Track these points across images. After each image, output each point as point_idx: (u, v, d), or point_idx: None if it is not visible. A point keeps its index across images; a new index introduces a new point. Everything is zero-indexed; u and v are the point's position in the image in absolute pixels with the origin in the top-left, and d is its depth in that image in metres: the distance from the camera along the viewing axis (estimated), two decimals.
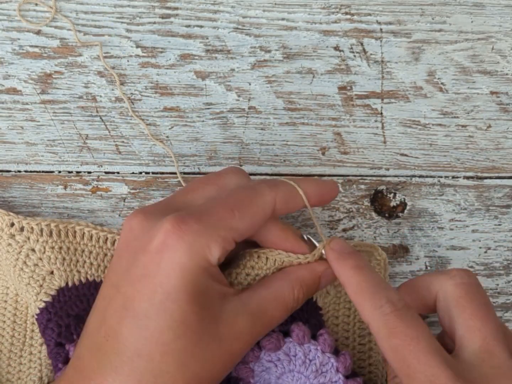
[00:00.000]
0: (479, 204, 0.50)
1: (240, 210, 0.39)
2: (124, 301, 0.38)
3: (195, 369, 0.37)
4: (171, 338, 0.37)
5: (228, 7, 0.48)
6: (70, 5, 0.48)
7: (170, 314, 0.37)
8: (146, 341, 0.37)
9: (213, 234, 0.38)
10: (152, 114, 0.49)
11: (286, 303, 0.40)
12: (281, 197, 0.40)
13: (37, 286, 0.43)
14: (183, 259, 0.37)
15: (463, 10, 0.49)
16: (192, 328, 0.37)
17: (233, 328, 0.38)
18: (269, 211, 0.40)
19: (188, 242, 0.37)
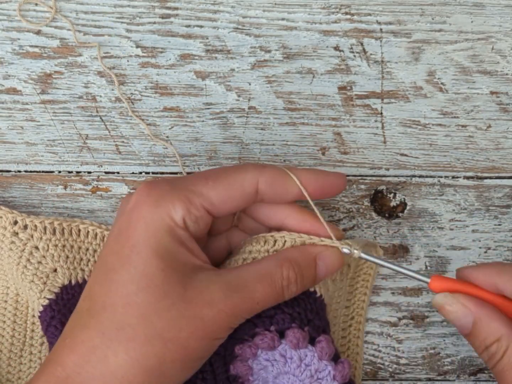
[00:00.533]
0: (479, 204, 0.50)
1: (215, 180, 0.39)
2: (101, 261, 0.39)
3: (158, 327, 0.37)
4: (134, 290, 0.37)
5: (228, 7, 0.49)
6: (70, 5, 0.48)
7: (133, 266, 0.37)
8: (110, 293, 0.37)
9: (179, 194, 0.38)
10: (152, 114, 0.49)
11: (272, 279, 0.39)
12: (265, 178, 0.40)
13: (41, 284, 0.44)
14: (148, 214, 0.38)
15: (463, 10, 0.49)
16: (155, 283, 0.37)
17: (203, 293, 0.37)
18: (249, 187, 0.40)
19: (154, 199, 0.38)
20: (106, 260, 0.39)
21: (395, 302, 0.50)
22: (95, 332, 0.37)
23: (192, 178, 0.40)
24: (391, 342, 0.50)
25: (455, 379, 0.50)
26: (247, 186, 0.40)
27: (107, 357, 0.37)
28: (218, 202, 0.39)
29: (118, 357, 0.37)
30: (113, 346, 0.37)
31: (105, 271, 0.38)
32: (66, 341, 0.38)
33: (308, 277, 0.41)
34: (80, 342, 0.37)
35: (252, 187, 0.40)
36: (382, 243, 0.49)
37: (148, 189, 0.39)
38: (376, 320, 0.50)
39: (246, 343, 0.41)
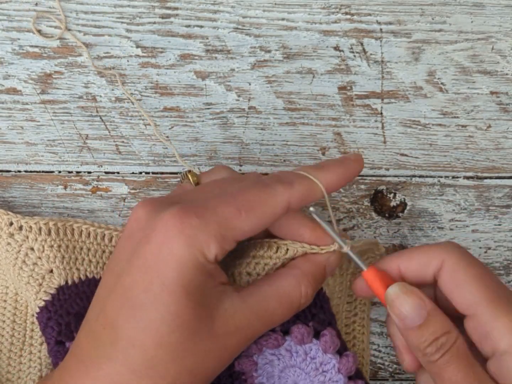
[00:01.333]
0: (479, 204, 0.50)
1: (248, 210, 0.38)
2: (123, 291, 0.38)
3: (188, 363, 0.37)
4: (166, 331, 0.37)
5: (228, 7, 0.49)
6: (70, 5, 0.48)
7: (165, 306, 0.37)
8: (140, 331, 0.37)
9: (213, 231, 0.37)
10: (152, 114, 0.49)
11: (291, 300, 0.40)
12: (296, 196, 0.39)
13: (37, 285, 0.44)
14: (181, 252, 0.37)
15: (463, 10, 0.49)
16: (187, 323, 0.37)
17: (229, 324, 0.38)
18: (281, 212, 0.39)
19: (187, 236, 0.37)
20: (132, 294, 0.37)
21: None
22: (123, 367, 0.37)
23: (223, 208, 0.38)
24: (391, 342, 0.49)
25: None
26: (279, 210, 0.39)
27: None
28: (249, 232, 0.39)
29: None
30: (144, 383, 0.37)
31: (132, 306, 0.37)
32: (87, 369, 0.37)
33: (320, 286, 0.42)
34: (106, 374, 0.37)
35: (284, 211, 0.39)
36: (382, 243, 0.49)
37: (179, 223, 0.37)
38: (376, 320, 0.50)
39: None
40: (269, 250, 0.41)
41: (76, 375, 0.38)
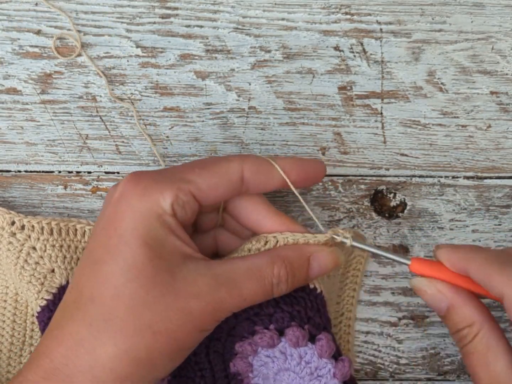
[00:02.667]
0: (479, 204, 0.50)
1: (201, 168, 0.39)
2: (87, 252, 0.39)
3: (147, 318, 0.37)
4: (122, 281, 0.37)
5: (228, 7, 0.49)
6: (70, 5, 0.48)
7: (122, 257, 0.37)
8: (98, 285, 0.37)
9: (167, 181, 0.38)
10: (152, 114, 0.49)
11: (261, 276, 0.39)
12: (250, 166, 0.40)
13: (39, 284, 0.44)
14: (136, 203, 0.38)
15: (463, 10, 0.49)
16: (144, 273, 0.37)
17: (191, 285, 0.37)
18: (234, 176, 0.40)
19: (141, 188, 0.38)
20: (93, 251, 0.38)
21: (395, 302, 0.50)
22: (82, 323, 0.37)
23: (178, 167, 0.41)
24: (391, 342, 0.50)
25: (455, 379, 0.50)
26: (233, 173, 0.40)
27: (95, 349, 0.36)
28: (205, 187, 0.39)
29: (106, 349, 0.36)
30: (101, 337, 0.36)
31: (92, 262, 0.38)
32: (54, 332, 0.38)
33: (299, 277, 0.41)
34: (68, 334, 0.37)
35: (237, 175, 0.40)
36: (382, 243, 0.49)
37: (135, 179, 0.39)
38: (376, 320, 0.50)
39: (246, 340, 0.41)
40: (257, 243, 0.41)
41: (43, 341, 0.38)
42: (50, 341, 0.38)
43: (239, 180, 0.40)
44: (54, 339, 0.38)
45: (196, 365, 0.42)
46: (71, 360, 0.37)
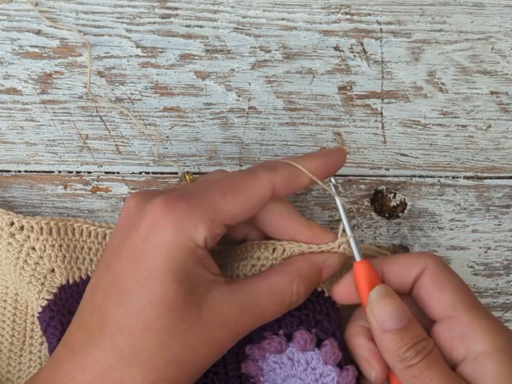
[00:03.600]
0: (479, 204, 0.50)
1: (233, 193, 0.39)
2: (112, 278, 0.38)
3: (176, 350, 0.37)
4: (153, 315, 0.37)
5: (228, 7, 0.49)
6: (70, 5, 0.48)
7: (153, 291, 0.37)
8: (128, 316, 0.37)
9: (201, 214, 0.38)
10: (152, 114, 0.49)
11: (282, 296, 0.40)
12: (280, 180, 0.40)
13: (39, 285, 0.44)
14: (169, 236, 0.37)
15: (463, 10, 0.49)
16: (174, 308, 0.37)
17: (217, 314, 0.38)
18: (266, 195, 0.40)
19: (175, 220, 0.37)
20: (121, 280, 0.38)
21: None
22: (111, 353, 0.37)
23: (209, 192, 0.39)
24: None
25: None
26: (265, 193, 0.39)
27: (123, 379, 0.37)
28: (237, 215, 0.39)
29: (134, 380, 0.37)
30: (130, 369, 0.37)
31: (120, 292, 0.38)
32: (77, 357, 0.38)
33: (314, 287, 0.42)
34: (94, 361, 0.37)
35: (269, 194, 0.40)
36: (382, 243, 0.49)
37: (166, 208, 0.38)
38: None
39: (255, 344, 0.41)
40: (265, 251, 0.41)
41: (65, 363, 0.38)
42: (74, 366, 0.37)
43: (270, 196, 0.40)
44: (78, 364, 0.37)
45: None
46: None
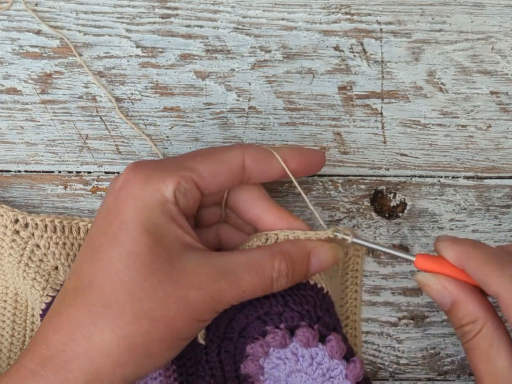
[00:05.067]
0: (479, 204, 0.50)
1: (203, 156, 0.40)
2: (88, 239, 0.39)
3: (145, 305, 0.37)
4: (121, 268, 0.37)
5: (228, 7, 0.49)
6: (70, 5, 0.48)
7: (121, 244, 0.37)
8: (98, 271, 0.37)
9: (169, 169, 0.39)
10: (152, 114, 0.49)
11: (261, 268, 0.39)
12: (251, 154, 0.41)
13: (43, 281, 0.44)
14: (138, 191, 0.38)
15: (463, 10, 0.49)
16: (143, 260, 0.37)
17: (191, 274, 0.37)
18: (236, 164, 0.40)
19: (143, 175, 0.38)
20: (93, 238, 0.39)
21: (395, 302, 0.50)
22: (81, 309, 0.37)
23: (180, 156, 0.41)
24: (391, 342, 0.50)
25: (455, 379, 0.50)
26: (234, 162, 0.40)
27: (93, 335, 0.36)
28: (206, 175, 0.40)
29: (104, 335, 0.36)
30: (99, 323, 0.36)
31: (92, 249, 0.38)
32: (51, 319, 0.38)
33: (299, 272, 0.41)
34: (66, 320, 0.37)
35: (238, 163, 0.40)
36: (382, 243, 0.49)
37: (137, 167, 0.39)
38: (376, 320, 0.50)
39: (257, 342, 0.41)
40: (258, 240, 0.41)
41: (43, 327, 0.39)
42: (48, 328, 0.38)
43: (241, 168, 0.41)
44: (51, 325, 0.38)
45: (207, 364, 0.42)
46: (69, 346, 0.37)
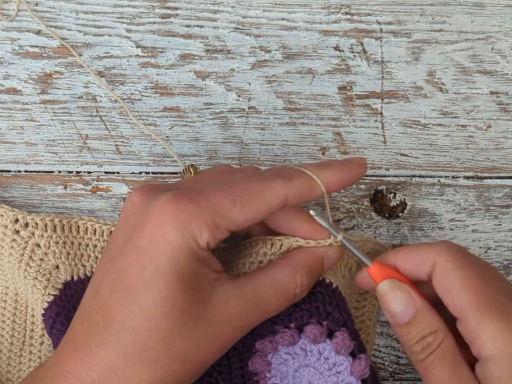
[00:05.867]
0: (479, 204, 0.50)
1: (243, 201, 0.38)
2: (117, 275, 0.38)
3: (180, 349, 0.37)
4: (158, 314, 0.37)
5: (228, 7, 0.49)
6: (70, 5, 0.48)
7: (157, 290, 0.37)
8: (133, 315, 0.37)
9: (207, 218, 0.37)
10: (152, 114, 0.49)
11: (286, 289, 0.40)
12: (294, 192, 0.39)
13: (45, 280, 0.44)
14: (174, 237, 0.37)
15: (463, 10, 0.49)
16: (179, 307, 0.37)
17: (223, 311, 0.38)
18: (278, 206, 0.39)
19: (180, 221, 0.37)
20: (126, 278, 0.38)
21: None
22: (116, 351, 0.37)
23: (217, 197, 0.38)
24: (391, 342, 0.50)
25: None
26: (276, 205, 0.39)
27: (128, 378, 0.37)
28: (243, 223, 0.38)
29: (140, 378, 0.37)
30: (135, 368, 0.37)
31: (125, 290, 0.38)
32: (82, 354, 0.38)
33: (316, 278, 0.42)
34: (99, 359, 0.37)
35: (280, 205, 0.39)
36: (382, 243, 0.49)
37: (173, 208, 0.37)
38: (376, 320, 0.50)
39: (267, 338, 0.41)
40: (263, 246, 0.41)
41: (69, 359, 0.38)
42: (78, 362, 0.38)
43: (281, 207, 0.39)
44: (82, 361, 0.37)
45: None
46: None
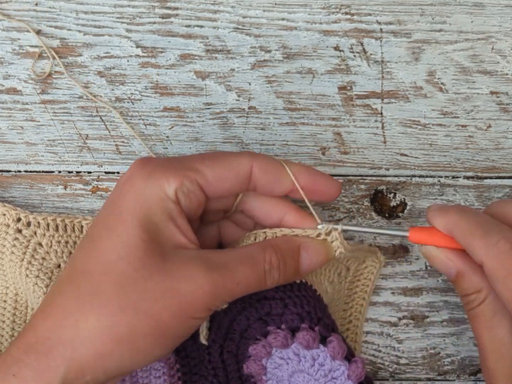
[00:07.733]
0: (479, 204, 0.50)
1: (211, 159, 0.40)
2: (88, 230, 0.40)
3: (132, 297, 0.37)
4: (113, 258, 0.37)
5: (228, 7, 0.49)
6: (70, 5, 0.48)
7: (116, 234, 0.37)
8: (90, 259, 0.38)
9: (174, 168, 0.39)
10: (152, 114, 0.49)
11: (254, 261, 0.39)
12: (259, 163, 0.41)
13: (47, 279, 0.45)
14: (140, 185, 0.38)
15: (463, 10, 0.49)
16: (136, 253, 0.37)
17: (182, 267, 0.37)
18: (243, 171, 0.40)
19: (147, 171, 0.39)
20: (93, 229, 0.39)
21: (395, 302, 0.50)
22: (71, 296, 0.37)
23: (188, 156, 0.41)
24: (391, 342, 0.50)
25: (455, 379, 0.50)
26: (242, 169, 0.40)
27: (78, 322, 0.37)
28: (212, 179, 0.40)
29: (88, 323, 0.36)
30: (86, 311, 0.37)
31: (91, 239, 0.39)
32: (43, 307, 0.39)
33: (290, 266, 0.41)
34: (55, 307, 0.38)
35: (246, 170, 0.40)
36: (382, 243, 0.50)
37: (143, 163, 0.40)
38: (376, 320, 0.50)
39: (260, 343, 0.41)
40: (247, 239, 0.42)
41: (34, 315, 0.39)
42: (38, 315, 0.38)
43: (247, 176, 0.41)
44: (42, 312, 0.38)
45: (209, 364, 0.43)
46: (54, 333, 0.37)
